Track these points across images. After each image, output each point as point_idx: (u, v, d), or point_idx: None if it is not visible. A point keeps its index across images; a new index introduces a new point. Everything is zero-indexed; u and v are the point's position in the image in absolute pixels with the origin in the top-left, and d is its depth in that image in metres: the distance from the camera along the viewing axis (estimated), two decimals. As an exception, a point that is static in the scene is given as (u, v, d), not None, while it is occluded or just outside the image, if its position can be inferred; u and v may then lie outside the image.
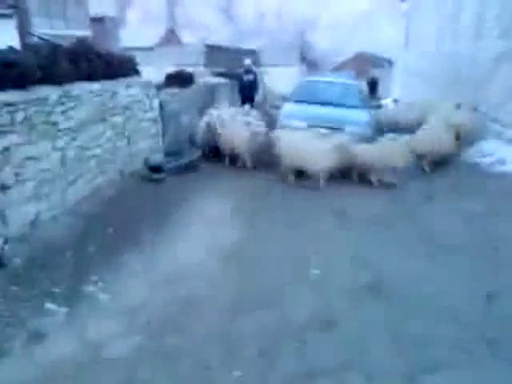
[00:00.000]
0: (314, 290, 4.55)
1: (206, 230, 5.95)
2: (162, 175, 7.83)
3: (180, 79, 11.51)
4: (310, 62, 36.45)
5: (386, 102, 18.01)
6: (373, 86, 25.20)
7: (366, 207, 7.06)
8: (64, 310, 3.95)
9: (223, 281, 4.70)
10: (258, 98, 15.02)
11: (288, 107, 10.62)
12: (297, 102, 10.68)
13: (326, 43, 50.22)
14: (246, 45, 37.23)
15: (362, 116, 10.01)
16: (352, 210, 6.87)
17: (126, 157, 7.58)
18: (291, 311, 4.16)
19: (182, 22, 44.77)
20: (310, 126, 9.05)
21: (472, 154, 9.69)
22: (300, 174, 8.23)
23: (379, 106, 12.55)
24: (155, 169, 7.92)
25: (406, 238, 5.93)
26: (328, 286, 4.65)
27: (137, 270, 4.77)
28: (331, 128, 8.93)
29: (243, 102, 13.29)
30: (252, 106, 12.84)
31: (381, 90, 25.94)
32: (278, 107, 12.07)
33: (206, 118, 9.83)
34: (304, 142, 8.16)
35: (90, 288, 4.34)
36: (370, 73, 29.25)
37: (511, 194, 7.39)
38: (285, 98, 11.62)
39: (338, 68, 32.89)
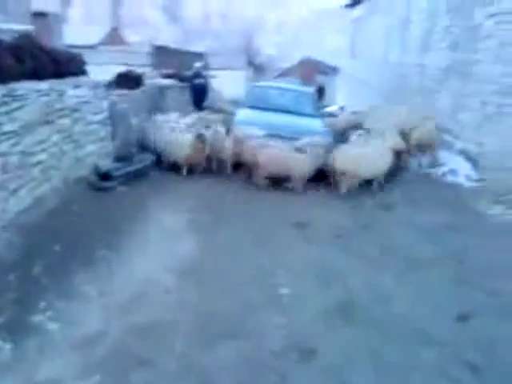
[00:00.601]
0: (286, 313, 4.25)
1: (164, 244, 5.51)
2: (112, 183, 7.27)
3: (129, 80, 10.92)
4: (256, 67, 36.30)
5: (333, 109, 18.03)
6: (320, 93, 25.36)
7: (327, 218, 6.84)
8: (9, 346, 3.42)
9: (186, 304, 4.30)
10: (206, 102, 14.55)
11: (243, 114, 10.06)
12: (251, 108, 10.18)
13: (271, 48, 50.41)
14: (192, 46, 36.58)
15: (319, 125, 9.77)
16: (313, 221, 6.61)
17: (73, 162, 6.98)
18: (265, 338, 3.84)
19: (125, 21, 43.37)
20: (268, 135, 8.65)
21: (425, 164, 9.73)
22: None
23: (332, 115, 12.27)
24: (104, 176, 7.36)
25: (370, 251, 5.75)
26: (300, 307, 4.37)
27: (90, 294, 4.27)
28: (289, 138, 8.60)
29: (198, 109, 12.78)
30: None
31: (326, 97, 26.15)
32: (230, 113, 11.68)
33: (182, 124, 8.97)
34: (362, 150, 8.10)
35: (38, 317, 3.81)
36: (317, 80, 29.46)
37: (465, 205, 7.45)
38: (237, 104, 11.20)
39: (284, 74, 32.85)
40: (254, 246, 5.64)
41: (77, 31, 28.47)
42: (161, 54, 25.52)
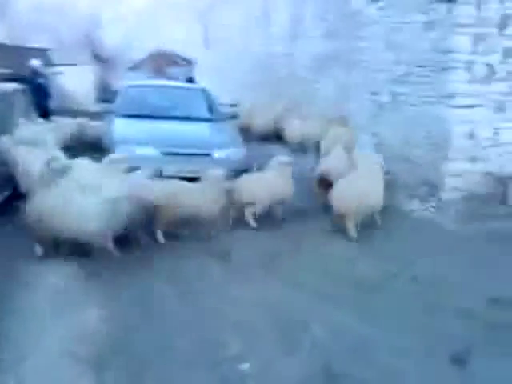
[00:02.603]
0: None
1: (60, 313, 4.04)
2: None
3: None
4: (103, 61, 33.69)
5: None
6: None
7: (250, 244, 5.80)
8: None
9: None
10: (52, 105, 12.45)
11: (121, 126, 7.43)
12: (129, 117, 7.64)
13: (113, 40, 47.35)
14: (25, 42, 32.71)
15: (228, 134, 7.83)
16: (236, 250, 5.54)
17: None
18: None
19: None
20: (164, 154, 6.79)
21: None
22: None
23: (234, 116, 9.76)
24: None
25: (308, 279, 4.90)
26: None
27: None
28: (192, 155, 6.84)
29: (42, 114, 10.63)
30: (47, 117, 10.39)
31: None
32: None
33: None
34: None
35: None
36: (167, 72, 27.91)
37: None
38: (107, 110, 8.58)
39: (136, 67, 30.89)
40: (182, 300, 4.42)
41: None
42: (-10, 52, 22.15)
